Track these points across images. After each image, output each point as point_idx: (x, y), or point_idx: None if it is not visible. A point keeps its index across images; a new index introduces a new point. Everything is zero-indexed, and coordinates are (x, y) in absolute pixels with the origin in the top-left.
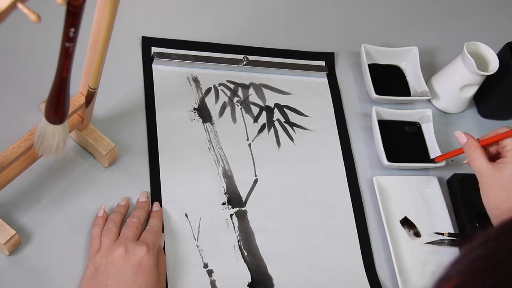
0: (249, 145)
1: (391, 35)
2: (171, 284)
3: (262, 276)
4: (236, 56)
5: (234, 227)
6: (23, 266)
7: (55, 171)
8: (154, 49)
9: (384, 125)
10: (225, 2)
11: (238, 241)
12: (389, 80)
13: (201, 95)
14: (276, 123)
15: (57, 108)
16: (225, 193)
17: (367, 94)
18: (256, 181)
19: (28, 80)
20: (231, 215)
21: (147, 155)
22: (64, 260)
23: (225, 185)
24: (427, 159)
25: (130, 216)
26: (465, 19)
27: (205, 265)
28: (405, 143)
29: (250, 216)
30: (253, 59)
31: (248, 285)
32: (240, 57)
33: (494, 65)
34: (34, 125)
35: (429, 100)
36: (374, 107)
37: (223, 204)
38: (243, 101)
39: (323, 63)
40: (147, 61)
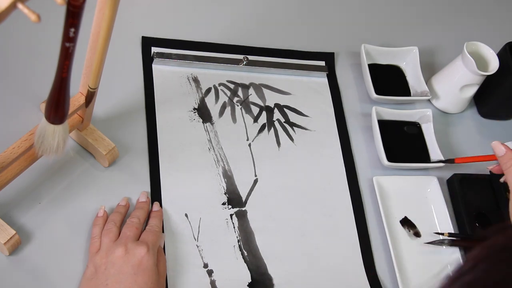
0: (249, 145)
1: (391, 35)
2: (171, 284)
3: (262, 276)
4: (236, 56)
5: (234, 227)
6: (23, 266)
7: (55, 171)
8: (154, 49)
9: (384, 125)
10: (225, 2)
11: (238, 241)
12: (389, 80)
13: (201, 95)
14: (276, 123)
15: (57, 108)
16: (225, 193)
17: (367, 94)
18: (256, 181)
19: (28, 80)
20: (231, 215)
21: (147, 155)
22: (64, 260)
23: (225, 185)
24: (427, 159)
25: (130, 216)
26: (465, 19)
27: (205, 265)
28: (405, 143)
29: (250, 216)
30: (253, 59)
31: (248, 285)
32: (240, 57)
33: (494, 65)
34: (34, 125)
35: (429, 100)
36: (374, 107)
37: (223, 204)
38: (243, 101)
39: (323, 63)
40: (147, 61)
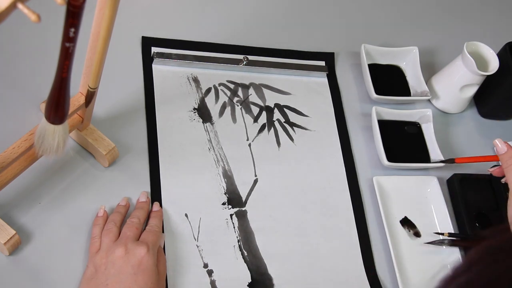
0: (249, 145)
1: (391, 35)
2: (171, 284)
3: (262, 276)
4: (236, 56)
5: (234, 227)
6: (23, 266)
7: (55, 171)
8: (154, 49)
9: (384, 125)
10: (225, 2)
11: (238, 241)
12: (389, 80)
13: (201, 95)
14: (276, 123)
15: (57, 108)
16: (225, 193)
17: (367, 94)
18: (256, 181)
19: (28, 80)
20: (231, 215)
21: (147, 155)
22: (64, 260)
23: (225, 185)
24: (427, 159)
25: (130, 216)
26: (465, 19)
27: (205, 265)
28: (405, 143)
29: (250, 216)
30: (253, 59)
31: (248, 285)
32: (240, 57)
33: (494, 65)
34: (34, 125)
35: (429, 100)
36: (374, 107)
37: (223, 204)
38: (243, 101)
39: (323, 63)
40: (147, 61)
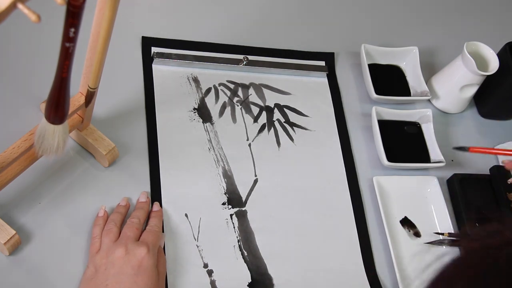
0: (249, 145)
1: (391, 35)
2: (171, 284)
3: (262, 276)
4: (236, 56)
5: (234, 227)
6: (23, 266)
7: (55, 171)
8: (154, 49)
9: (384, 125)
10: (225, 2)
11: (238, 241)
12: (389, 80)
13: (201, 95)
14: (276, 123)
15: (57, 108)
16: (225, 193)
17: (367, 94)
18: (256, 181)
19: (28, 80)
20: (231, 215)
21: (147, 155)
22: (64, 260)
23: (225, 185)
24: (427, 159)
25: (130, 216)
26: (465, 19)
27: (205, 265)
28: (405, 143)
29: (250, 216)
30: (253, 59)
31: (248, 285)
32: (240, 57)
33: (494, 65)
34: (34, 125)
35: (429, 100)
36: (374, 107)
37: (223, 204)
38: (243, 101)
39: (323, 63)
40: (147, 61)
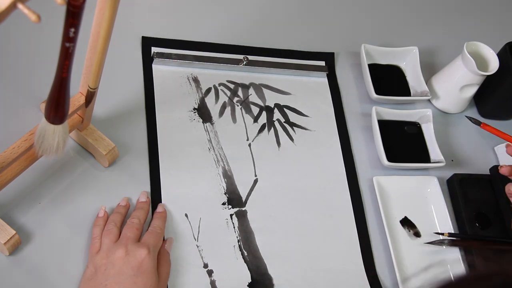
0: (249, 145)
1: (391, 35)
2: (171, 284)
3: (262, 276)
4: (236, 56)
5: (234, 227)
6: (23, 266)
7: (55, 171)
8: (154, 49)
9: (384, 125)
10: (225, 2)
11: (238, 241)
12: (389, 80)
13: (201, 95)
14: (276, 123)
15: (57, 108)
16: (225, 193)
17: (367, 94)
18: (256, 181)
19: (28, 80)
20: (231, 215)
21: (147, 155)
22: (64, 260)
23: (225, 185)
24: (427, 159)
25: (130, 216)
26: (465, 19)
27: (205, 265)
28: (405, 143)
29: (250, 216)
30: (253, 59)
31: (248, 285)
32: (240, 57)
33: (494, 65)
34: (34, 125)
35: (429, 100)
36: (374, 107)
37: (223, 204)
38: (243, 101)
39: (323, 63)
40: (147, 61)
